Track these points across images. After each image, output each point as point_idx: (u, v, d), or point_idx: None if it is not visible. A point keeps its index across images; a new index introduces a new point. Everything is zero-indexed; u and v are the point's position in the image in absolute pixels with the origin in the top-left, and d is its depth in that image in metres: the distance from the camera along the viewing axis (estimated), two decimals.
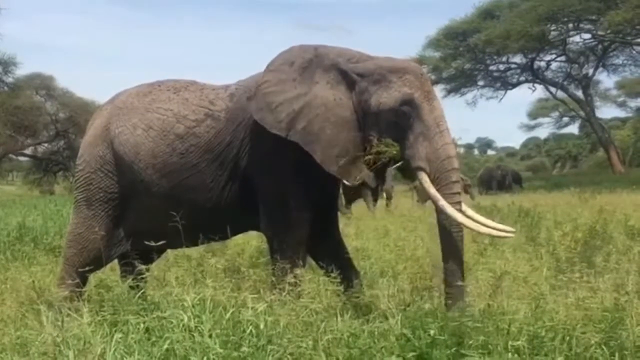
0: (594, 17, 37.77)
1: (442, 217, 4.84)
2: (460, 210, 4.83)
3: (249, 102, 5.16)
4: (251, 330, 3.89)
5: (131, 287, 4.76)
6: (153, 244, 5.11)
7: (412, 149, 4.92)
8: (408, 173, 5.22)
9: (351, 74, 5.11)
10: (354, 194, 15.18)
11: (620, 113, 56.19)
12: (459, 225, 4.81)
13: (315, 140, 5.01)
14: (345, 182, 5.33)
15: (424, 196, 14.02)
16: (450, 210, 4.75)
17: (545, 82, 44.79)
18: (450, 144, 4.94)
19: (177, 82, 5.67)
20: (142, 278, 4.90)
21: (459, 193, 4.91)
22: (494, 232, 5.05)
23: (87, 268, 5.45)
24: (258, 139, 5.19)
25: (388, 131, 4.98)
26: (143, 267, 4.85)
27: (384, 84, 5.02)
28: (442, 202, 4.76)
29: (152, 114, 5.42)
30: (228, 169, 5.27)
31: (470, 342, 3.90)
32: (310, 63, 5.19)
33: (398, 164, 5.10)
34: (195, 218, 5.22)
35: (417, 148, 4.90)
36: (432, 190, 4.83)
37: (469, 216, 4.93)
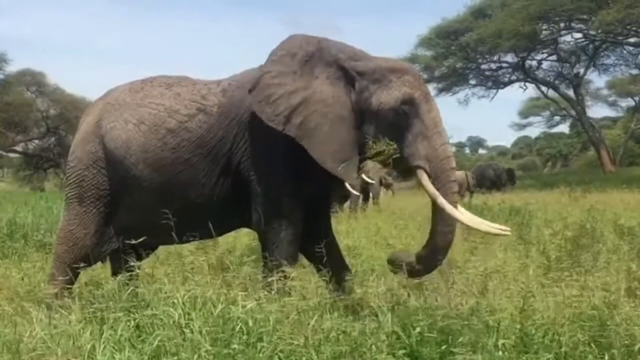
0: (585, 17, 37.81)
1: (438, 215, 4.96)
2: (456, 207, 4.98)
3: (249, 93, 5.15)
4: (241, 328, 3.90)
5: (124, 284, 4.75)
6: (144, 240, 5.11)
7: (411, 148, 5.00)
8: (405, 171, 5.28)
9: (351, 72, 5.14)
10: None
11: (611, 112, 56.54)
12: (453, 225, 4.98)
13: (311, 136, 5.03)
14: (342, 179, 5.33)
15: None
16: (449, 207, 4.87)
17: (536, 81, 44.91)
18: (447, 143, 5.07)
19: (169, 77, 5.66)
20: (133, 275, 4.89)
21: (456, 192, 5.05)
22: (492, 230, 5.17)
23: (78, 265, 5.44)
24: (252, 136, 5.19)
25: (387, 130, 5.03)
26: (134, 264, 4.85)
27: (383, 84, 5.07)
28: (441, 200, 4.88)
29: (143, 108, 5.41)
30: (220, 164, 5.26)
31: (460, 339, 3.92)
32: (312, 56, 5.21)
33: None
34: (187, 214, 5.22)
35: (416, 147, 4.99)
36: (432, 188, 4.93)
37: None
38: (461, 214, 5.00)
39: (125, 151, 5.35)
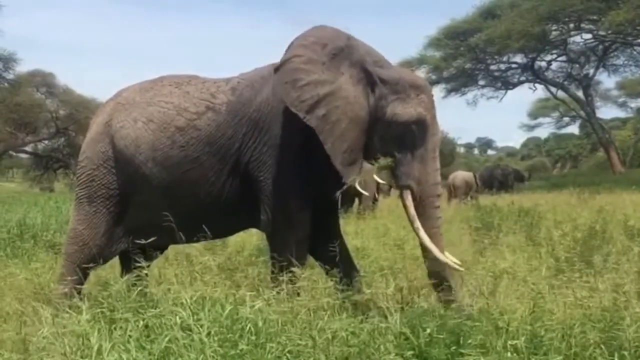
0: (595, 17, 37.63)
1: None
2: (439, 233, 5.10)
3: (274, 72, 5.16)
4: (250, 328, 3.89)
5: (132, 284, 4.75)
6: (153, 240, 5.12)
7: (407, 166, 5.07)
8: (390, 180, 5.42)
9: (374, 77, 5.15)
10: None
11: (621, 113, 56.19)
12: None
13: (330, 130, 5.03)
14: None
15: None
16: (422, 234, 5.00)
17: (545, 82, 44.70)
18: (438, 169, 5.15)
19: (178, 77, 5.67)
20: (143, 275, 4.89)
21: (439, 218, 5.15)
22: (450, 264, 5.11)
23: (87, 265, 5.45)
24: (261, 135, 5.18)
25: (391, 142, 5.08)
26: (143, 263, 4.86)
27: (401, 97, 5.10)
28: (417, 225, 5.02)
29: (153, 107, 5.42)
30: (229, 163, 5.27)
31: (469, 341, 3.91)
32: (341, 51, 5.21)
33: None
34: (195, 213, 5.23)
35: (412, 167, 5.07)
36: (412, 210, 5.04)
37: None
38: (430, 242, 5.00)
39: (135, 150, 5.36)
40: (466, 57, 42.62)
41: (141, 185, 5.40)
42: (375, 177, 5.30)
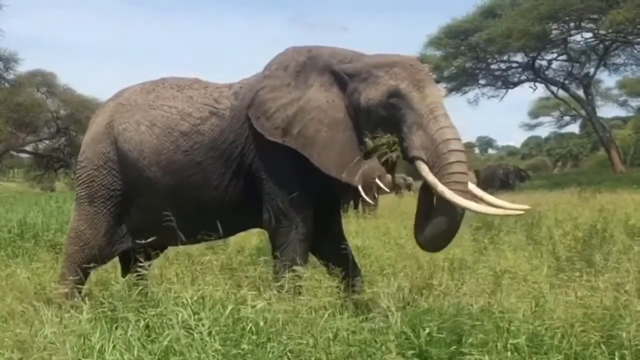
0: (595, 16, 37.55)
1: (440, 202, 4.68)
2: (464, 192, 4.66)
3: (247, 110, 5.19)
4: (251, 328, 3.90)
5: (133, 284, 4.76)
6: (155, 240, 5.12)
7: (407, 140, 4.83)
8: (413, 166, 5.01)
9: (342, 75, 5.13)
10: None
11: (622, 112, 56.04)
12: (455, 212, 4.67)
13: (311, 143, 5.02)
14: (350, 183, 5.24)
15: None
16: (449, 194, 4.56)
17: (546, 81, 44.63)
18: (446, 127, 4.74)
19: (180, 80, 5.67)
20: (143, 275, 4.90)
21: (460, 173, 4.68)
22: (505, 212, 4.95)
23: (88, 265, 5.46)
24: (262, 138, 5.19)
25: (382, 126, 4.97)
26: (144, 264, 4.86)
27: (370, 81, 5.01)
28: (441, 187, 4.60)
29: (156, 111, 5.43)
30: (232, 166, 5.28)
31: (470, 340, 3.91)
32: (304, 66, 5.22)
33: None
34: (198, 215, 5.24)
35: (411, 138, 4.80)
36: (430, 177, 4.67)
37: (479, 196, 4.82)
38: (464, 199, 4.62)
39: (138, 154, 5.37)
40: (467, 56, 42.51)
41: (144, 188, 5.41)
42: (378, 182, 5.25)
